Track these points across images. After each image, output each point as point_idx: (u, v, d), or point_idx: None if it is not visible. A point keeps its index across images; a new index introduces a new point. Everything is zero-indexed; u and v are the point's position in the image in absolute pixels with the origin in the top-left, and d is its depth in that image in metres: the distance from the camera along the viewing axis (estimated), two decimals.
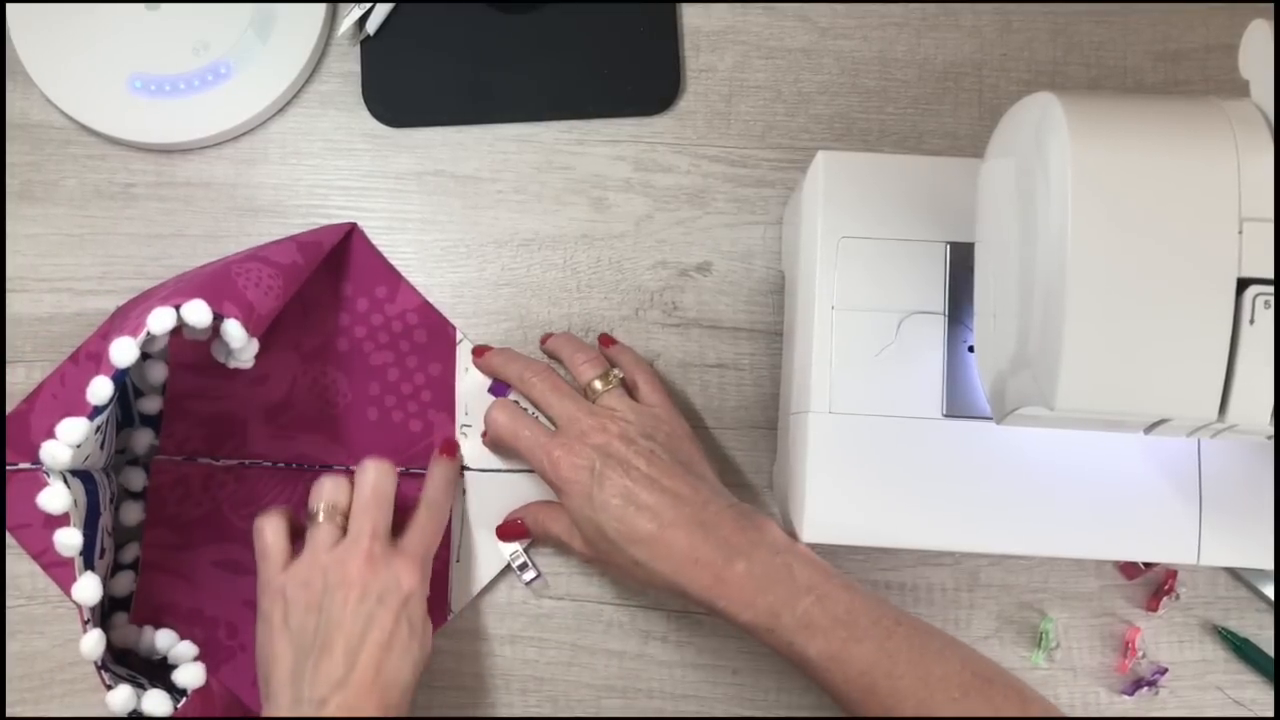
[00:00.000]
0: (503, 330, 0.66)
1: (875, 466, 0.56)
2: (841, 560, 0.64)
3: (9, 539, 0.63)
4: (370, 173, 0.67)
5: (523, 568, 0.63)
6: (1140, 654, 0.64)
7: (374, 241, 0.66)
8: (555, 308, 0.66)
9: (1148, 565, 0.63)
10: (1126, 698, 0.64)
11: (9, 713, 0.62)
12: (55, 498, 0.53)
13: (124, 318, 0.60)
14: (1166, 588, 0.64)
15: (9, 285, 0.65)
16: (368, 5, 0.66)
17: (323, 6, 0.66)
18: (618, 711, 0.64)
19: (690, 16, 0.68)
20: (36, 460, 0.58)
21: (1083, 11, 0.69)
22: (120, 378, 0.53)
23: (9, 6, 0.65)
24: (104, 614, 0.60)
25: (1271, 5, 0.50)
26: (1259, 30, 0.44)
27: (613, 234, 0.67)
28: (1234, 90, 0.46)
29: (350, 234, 0.65)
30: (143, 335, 0.53)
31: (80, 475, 0.56)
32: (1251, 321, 0.42)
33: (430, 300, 0.65)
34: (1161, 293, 0.42)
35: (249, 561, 0.61)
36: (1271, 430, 0.43)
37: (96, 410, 0.53)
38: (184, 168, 0.66)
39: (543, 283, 0.66)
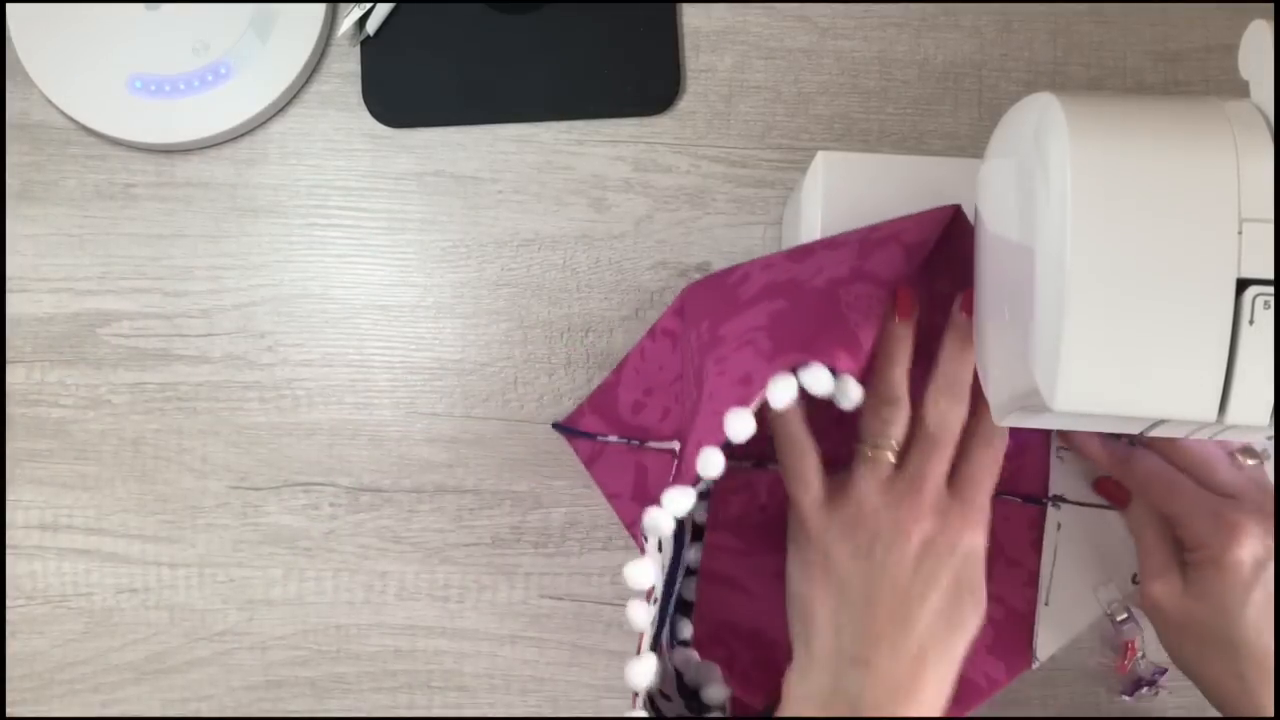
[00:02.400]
0: (502, 330, 0.66)
1: None
2: None
3: None
4: (370, 173, 0.67)
5: (1123, 622, 0.55)
6: (1140, 654, 0.64)
7: (373, 242, 0.66)
8: (555, 308, 0.66)
9: None
10: (1126, 698, 0.64)
11: (9, 713, 0.62)
12: (644, 574, 0.47)
13: (710, 346, 0.53)
14: None
15: (9, 285, 0.65)
16: (368, 5, 0.66)
17: (323, 6, 0.66)
18: (618, 711, 0.64)
19: (690, 16, 0.68)
20: (624, 434, 0.62)
21: (1083, 11, 0.69)
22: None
23: (9, 6, 0.65)
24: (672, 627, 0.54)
25: (1271, 5, 0.50)
26: (1259, 30, 0.44)
27: (612, 234, 0.67)
28: (1234, 90, 0.46)
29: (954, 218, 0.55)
30: (752, 408, 0.46)
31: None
32: (1251, 322, 0.42)
33: (429, 301, 0.65)
34: (1161, 293, 0.42)
35: None
36: (1271, 431, 0.43)
37: (699, 480, 0.47)
38: (184, 168, 0.66)
39: (543, 283, 0.66)
